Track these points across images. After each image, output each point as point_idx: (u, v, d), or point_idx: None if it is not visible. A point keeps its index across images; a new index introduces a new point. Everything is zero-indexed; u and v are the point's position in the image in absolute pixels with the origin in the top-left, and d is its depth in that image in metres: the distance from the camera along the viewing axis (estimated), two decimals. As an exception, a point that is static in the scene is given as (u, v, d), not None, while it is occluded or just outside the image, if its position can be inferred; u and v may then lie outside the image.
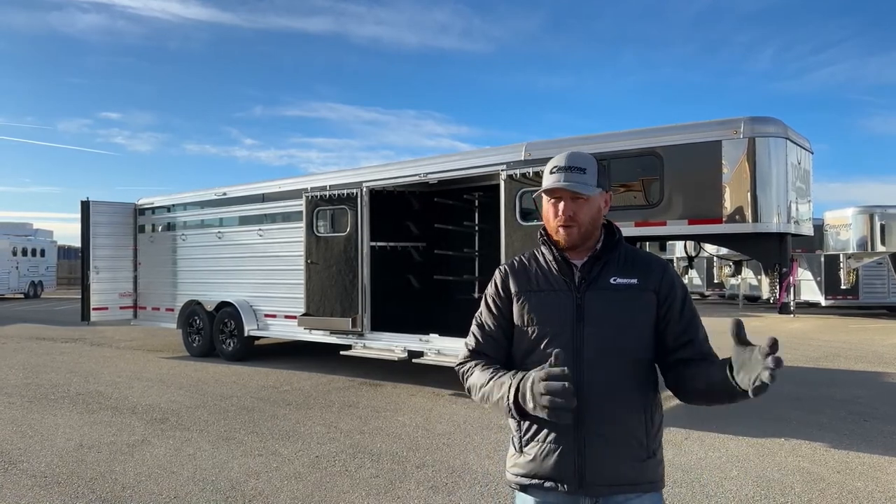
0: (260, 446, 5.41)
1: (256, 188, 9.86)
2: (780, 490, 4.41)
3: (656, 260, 1.80)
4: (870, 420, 6.33)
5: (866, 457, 5.15)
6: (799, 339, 12.95)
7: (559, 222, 1.72)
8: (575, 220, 1.71)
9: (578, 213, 1.71)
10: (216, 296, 10.19)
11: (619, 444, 1.65)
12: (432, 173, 7.89)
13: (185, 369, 9.32)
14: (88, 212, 11.09)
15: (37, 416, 6.52)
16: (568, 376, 1.47)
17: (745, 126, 6.04)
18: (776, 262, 6.33)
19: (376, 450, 5.30)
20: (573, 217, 1.71)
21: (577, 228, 1.72)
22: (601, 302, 1.70)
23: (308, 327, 8.74)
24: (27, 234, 28.87)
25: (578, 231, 1.72)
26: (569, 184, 1.68)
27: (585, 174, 1.71)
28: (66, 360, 10.27)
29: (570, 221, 1.71)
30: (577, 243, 1.73)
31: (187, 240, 10.92)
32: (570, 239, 1.72)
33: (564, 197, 1.71)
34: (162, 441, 5.57)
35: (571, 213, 1.71)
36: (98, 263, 11.17)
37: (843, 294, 17.91)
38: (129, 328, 13.24)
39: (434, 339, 7.67)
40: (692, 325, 1.74)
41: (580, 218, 1.71)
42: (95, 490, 4.40)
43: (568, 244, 1.73)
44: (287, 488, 4.42)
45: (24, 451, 5.29)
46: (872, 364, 9.79)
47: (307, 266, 8.66)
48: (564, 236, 1.72)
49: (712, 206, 6.12)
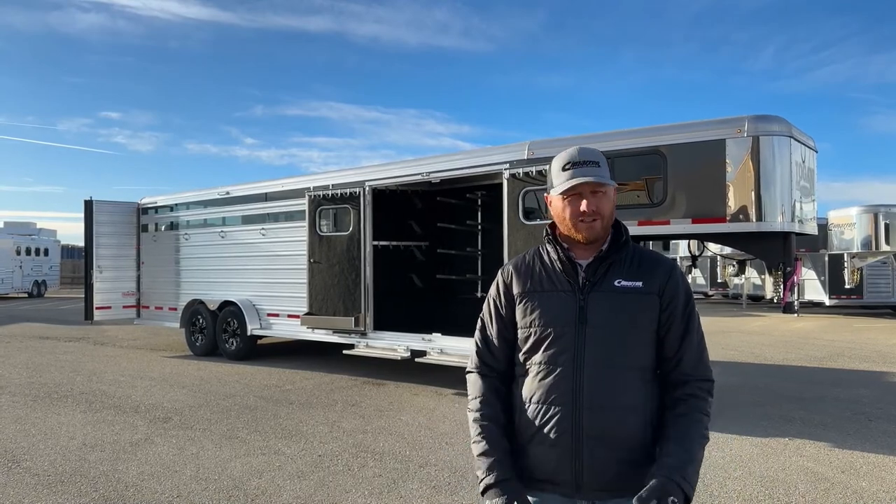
0: (263, 445, 5.41)
1: (259, 187, 9.87)
2: (783, 490, 4.39)
3: (663, 262, 1.77)
4: (874, 420, 6.30)
5: (871, 456, 5.13)
6: (803, 338, 12.91)
7: (583, 217, 1.69)
8: (599, 213, 1.70)
9: (601, 206, 1.70)
10: (219, 295, 10.20)
11: (617, 448, 1.63)
12: (435, 172, 7.88)
13: (188, 368, 9.33)
14: (92, 211, 11.12)
15: (40, 414, 6.53)
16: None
17: (749, 124, 6.01)
18: (780, 262, 6.31)
19: (379, 449, 5.30)
20: (597, 210, 1.69)
21: (601, 221, 1.70)
22: (604, 304, 1.68)
23: (311, 326, 8.74)
24: (31, 233, 28.94)
25: (602, 224, 1.71)
26: (589, 178, 1.67)
27: (599, 167, 1.70)
28: (69, 359, 10.29)
29: (594, 215, 1.69)
30: (601, 236, 1.72)
31: (190, 239, 10.94)
32: (594, 233, 1.70)
33: (585, 192, 1.70)
34: (165, 440, 5.57)
35: (595, 207, 1.69)
36: (101, 263, 11.19)
37: (847, 293, 17.84)
38: (132, 327, 13.26)
39: (437, 339, 7.66)
40: (687, 338, 1.71)
41: (603, 210, 1.70)
42: (98, 489, 4.40)
43: (591, 238, 1.71)
44: (290, 487, 4.42)
45: (28, 450, 5.30)
46: (877, 364, 9.75)
47: (310, 265, 8.66)
48: (588, 231, 1.70)
49: (716, 205, 6.10)
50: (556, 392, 1.66)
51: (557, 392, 1.66)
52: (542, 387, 1.68)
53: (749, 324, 16.03)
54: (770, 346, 11.70)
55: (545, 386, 1.68)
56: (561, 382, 1.66)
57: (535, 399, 1.69)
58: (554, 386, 1.66)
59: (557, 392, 1.66)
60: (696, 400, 1.67)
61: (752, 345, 11.80)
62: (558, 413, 1.65)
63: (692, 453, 1.61)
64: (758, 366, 9.66)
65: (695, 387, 1.69)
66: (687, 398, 1.68)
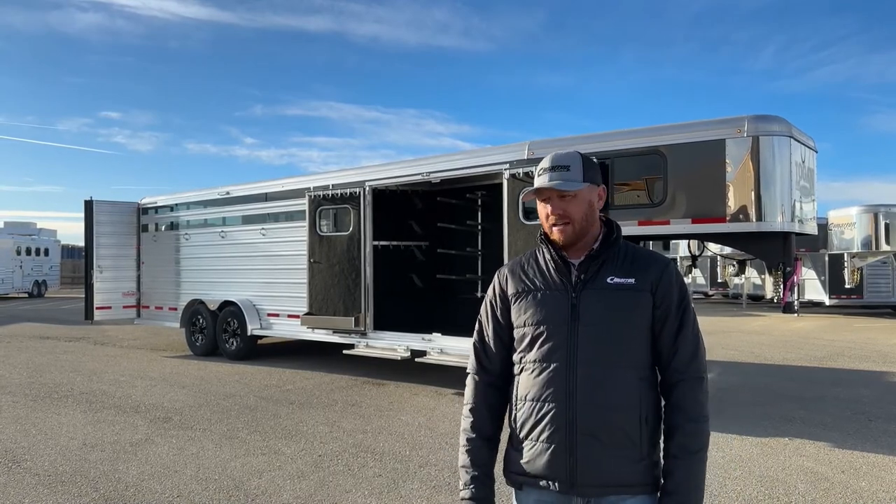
0: (263, 445, 5.41)
1: (259, 187, 9.87)
2: (783, 490, 4.39)
3: (657, 259, 1.77)
4: (874, 420, 6.30)
5: (871, 456, 5.13)
6: (803, 338, 12.91)
7: (551, 221, 1.73)
8: (567, 216, 1.72)
9: (569, 210, 1.72)
10: (219, 295, 10.20)
11: (611, 445, 1.64)
12: (435, 172, 7.88)
13: (188, 368, 9.33)
14: (92, 211, 11.13)
15: (40, 414, 6.53)
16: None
17: (749, 124, 6.02)
18: (780, 262, 6.31)
19: (379, 449, 5.30)
20: (564, 214, 1.72)
21: (571, 225, 1.72)
22: (597, 302, 1.69)
23: (311, 326, 8.75)
24: (31, 233, 28.95)
25: (573, 228, 1.72)
26: (553, 182, 1.70)
27: (569, 171, 1.72)
28: (69, 359, 10.29)
29: (562, 219, 1.72)
30: (574, 240, 1.73)
31: (190, 239, 10.94)
32: (566, 236, 1.73)
33: (552, 196, 1.73)
34: (165, 440, 5.58)
35: (561, 211, 1.72)
36: (101, 263, 11.20)
37: (847, 293, 17.84)
38: (132, 327, 13.26)
39: (437, 339, 7.66)
40: (682, 335, 1.71)
41: (572, 214, 1.72)
42: (99, 489, 4.41)
43: (564, 241, 1.74)
44: (290, 487, 4.42)
45: (28, 450, 5.30)
46: (877, 363, 9.76)
47: (310, 265, 8.67)
48: (559, 234, 1.73)
49: (716, 204, 6.10)
50: (550, 389, 1.67)
51: (551, 389, 1.67)
52: (536, 384, 1.70)
53: (749, 324, 16.03)
54: (770, 345, 11.70)
55: (539, 384, 1.69)
56: (555, 380, 1.67)
57: (529, 397, 1.71)
58: (548, 383, 1.68)
59: (551, 389, 1.67)
60: (692, 405, 1.69)
61: (753, 344, 11.80)
62: (552, 410, 1.66)
63: (692, 469, 1.66)
64: (758, 365, 9.67)
65: (689, 387, 1.70)
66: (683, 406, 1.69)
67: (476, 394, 1.85)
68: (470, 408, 1.84)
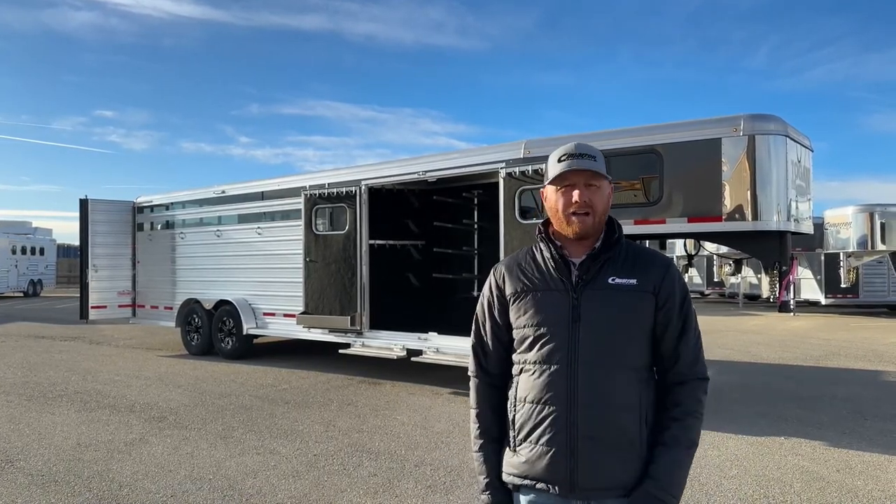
0: (258, 445, 5.40)
1: (255, 186, 9.84)
2: (779, 489, 4.39)
3: (659, 259, 1.75)
4: (870, 419, 6.31)
5: (866, 455, 5.14)
6: (799, 337, 12.93)
7: (574, 209, 1.67)
8: (590, 206, 1.67)
9: (594, 199, 1.68)
10: (215, 294, 10.17)
11: (611, 448, 1.62)
12: (431, 171, 7.87)
13: (183, 368, 9.30)
14: (87, 210, 11.07)
15: (35, 414, 6.50)
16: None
17: (745, 123, 6.02)
18: (776, 261, 6.31)
19: (374, 448, 5.29)
20: (588, 203, 1.67)
21: (593, 216, 1.68)
22: (597, 302, 1.66)
23: (307, 326, 8.73)
24: (26, 232, 28.87)
25: (593, 219, 1.68)
26: (587, 167, 1.67)
27: (596, 161, 1.69)
28: (64, 358, 10.25)
29: (586, 208, 1.67)
30: (590, 233, 1.70)
31: (186, 238, 10.90)
32: (584, 227, 1.68)
33: (578, 184, 1.68)
34: (160, 440, 5.55)
35: (587, 199, 1.67)
36: (97, 262, 11.15)
37: (843, 293, 17.90)
38: (127, 326, 13.22)
39: (433, 338, 7.65)
40: (684, 337, 1.70)
41: (595, 205, 1.68)
42: (93, 489, 4.38)
43: (581, 233, 1.69)
44: (285, 487, 4.40)
45: (22, 450, 5.27)
46: (872, 363, 9.78)
47: (306, 264, 8.65)
48: (579, 224, 1.67)
49: (712, 203, 6.10)
50: (551, 391, 1.64)
51: (552, 391, 1.64)
52: (536, 386, 1.67)
53: (745, 323, 16.05)
54: (766, 345, 11.71)
55: (539, 385, 1.66)
56: (555, 382, 1.64)
57: (529, 399, 1.68)
58: (548, 385, 1.65)
59: (552, 391, 1.64)
60: (691, 402, 1.67)
61: (749, 344, 11.81)
62: (553, 413, 1.64)
63: (679, 461, 1.63)
64: (754, 365, 9.67)
65: (691, 387, 1.68)
66: (682, 402, 1.68)
67: (479, 396, 1.83)
68: (476, 413, 1.83)
